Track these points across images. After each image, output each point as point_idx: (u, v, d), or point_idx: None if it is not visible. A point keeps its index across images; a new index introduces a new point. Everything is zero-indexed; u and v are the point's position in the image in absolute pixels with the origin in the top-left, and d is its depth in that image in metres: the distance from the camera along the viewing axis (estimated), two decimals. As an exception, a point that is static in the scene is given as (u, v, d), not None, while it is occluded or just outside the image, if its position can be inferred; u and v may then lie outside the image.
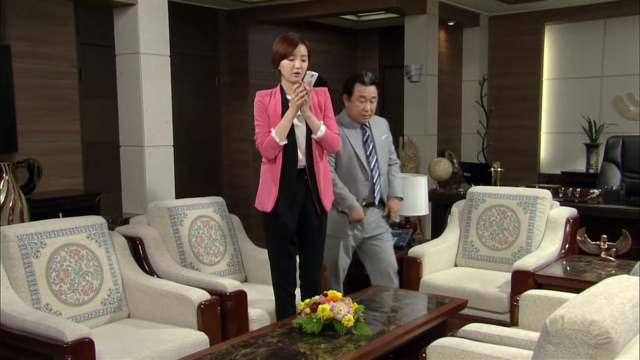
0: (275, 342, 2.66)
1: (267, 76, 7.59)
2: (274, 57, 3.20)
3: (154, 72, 4.27)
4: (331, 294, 2.84)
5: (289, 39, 3.18)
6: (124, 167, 4.41)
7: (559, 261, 3.95)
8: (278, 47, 3.18)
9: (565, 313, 1.63)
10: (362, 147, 3.80)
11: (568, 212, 4.20)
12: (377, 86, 3.79)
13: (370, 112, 3.77)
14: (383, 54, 9.01)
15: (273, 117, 3.17)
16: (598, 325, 1.57)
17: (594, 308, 1.64)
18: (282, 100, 3.22)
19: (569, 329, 1.59)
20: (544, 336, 1.65)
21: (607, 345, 1.56)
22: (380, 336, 2.73)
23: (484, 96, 8.05)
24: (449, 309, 3.17)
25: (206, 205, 3.98)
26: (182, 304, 3.14)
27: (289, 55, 3.16)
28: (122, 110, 4.38)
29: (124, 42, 4.29)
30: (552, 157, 7.91)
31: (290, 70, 3.17)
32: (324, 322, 2.73)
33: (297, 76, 3.17)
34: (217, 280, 3.34)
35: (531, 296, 3.02)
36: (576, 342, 1.58)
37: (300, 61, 3.17)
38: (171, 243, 3.70)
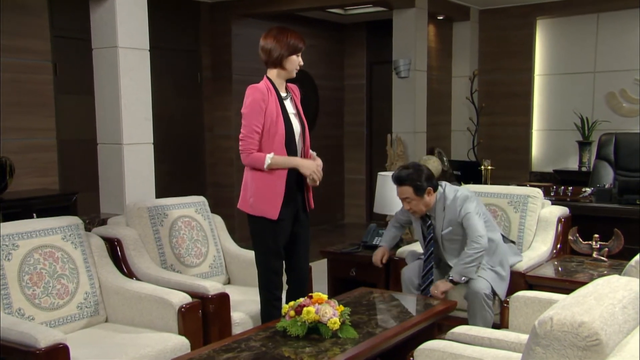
0: (258, 346, 2.66)
1: (251, 72, 7.58)
2: (284, 50, 3.18)
3: (132, 67, 4.25)
4: (316, 296, 2.84)
5: (298, 34, 3.24)
6: (101, 165, 4.38)
7: (551, 261, 3.99)
8: (291, 41, 3.19)
9: (555, 314, 1.65)
10: (421, 235, 3.78)
11: (560, 211, 4.24)
12: (410, 186, 3.57)
13: (413, 210, 3.65)
14: (370, 49, 9.03)
15: (269, 119, 3.15)
16: (587, 327, 1.58)
17: (583, 309, 1.66)
18: (278, 98, 3.23)
19: (558, 331, 1.61)
20: (532, 338, 1.67)
21: (596, 347, 1.57)
22: (367, 339, 2.74)
23: (474, 92, 8.09)
24: (438, 311, 3.18)
25: (188, 205, 3.97)
26: (162, 308, 3.13)
27: (299, 50, 3.22)
28: (99, 107, 4.35)
29: (100, 35, 4.27)
30: (544, 155, 7.97)
31: (296, 65, 3.24)
32: (309, 325, 2.73)
33: (296, 71, 3.26)
34: (199, 283, 3.34)
35: (521, 297, 3.04)
36: (565, 344, 1.59)
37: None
38: (151, 244, 3.68)
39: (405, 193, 3.61)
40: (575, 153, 7.51)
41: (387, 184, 4.64)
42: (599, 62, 7.51)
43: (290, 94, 3.34)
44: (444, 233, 3.66)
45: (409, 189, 3.59)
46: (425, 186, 3.58)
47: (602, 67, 7.48)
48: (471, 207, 3.58)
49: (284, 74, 3.26)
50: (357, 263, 4.26)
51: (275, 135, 3.17)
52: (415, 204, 3.62)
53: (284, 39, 3.19)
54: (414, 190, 3.58)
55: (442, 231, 3.66)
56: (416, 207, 3.63)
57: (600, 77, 7.51)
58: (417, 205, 3.62)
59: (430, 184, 3.61)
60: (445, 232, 3.65)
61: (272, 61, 3.23)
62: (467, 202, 3.58)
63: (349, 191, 9.37)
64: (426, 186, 3.59)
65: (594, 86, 7.54)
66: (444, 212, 3.64)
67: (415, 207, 3.63)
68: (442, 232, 3.66)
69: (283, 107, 3.23)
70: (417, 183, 3.57)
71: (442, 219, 3.65)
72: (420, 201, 3.60)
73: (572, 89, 7.68)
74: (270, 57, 3.22)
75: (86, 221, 3.79)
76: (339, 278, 4.36)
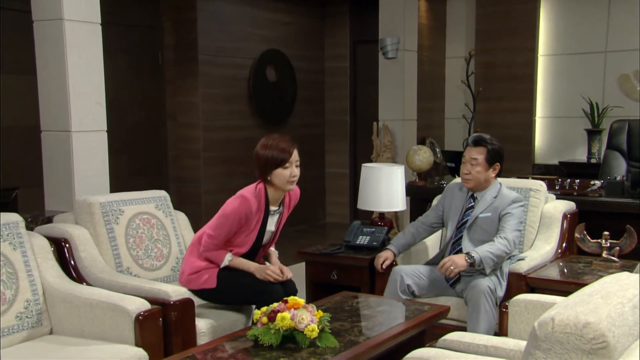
0: (226, 357, 2.66)
1: (219, 51, 7.57)
2: (265, 164, 3.38)
3: (81, 43, 4.20)
4: (292, 300, 2.84)
5: (282, 145, 3.39)
6: (46, 156, 4.33)
7: (555, 262, 4.02)
8: (271, 154, 3.38)
9: (556, 314, 1.66)
10: (457, 217, 3.95)
11: (565, 206, 4.28)
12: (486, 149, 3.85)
13: (469, 177, 3.88)
14: (354, 26, 9.04)
15: (247, 230, 3.43)
16: (593, 328, 1.60)
17: (588, 308, 1.67)
18: (265, 211, 3.45)
19: (560, 333, 1.62)
20: (532, 341, 1.68)
21: (603, 350, 1.59)
22: (348, 349, 2.74)
23: (471, 75, 8.13)
24: (428, 317, 3.20)
25: (146, 200, 3.96)
26: (117, 316, 3.11)
27: (284, 162, 3.37)
28: (43, 89, 4.30)
29: (42, 6, 4.20)
30: (549, 145, 8.03)
31: (287, 179, 3.41)
32: (284, 333, 2.73)
33: (293, 184, 3.44)
34: (159, 287, 3.32)
35: (522, 301, 3.06)
36: (568, 347, 1.61)
37: (295, 167, 3.42)
38: (104, 245, 3.66)
39: (476, 154, 3.84)
40: (583, 143, 7.57)
41: (372, 177, 4.66)
42: (611, 41, 7.56)
43: (280, 209, 3.56)
44: (482, 216, 3.85)
45: (483, 152, 3.84)
46: (497, 159, 3.86)
47: (615, 46, 7.53)
48: (519, 212, 3.83)
49: (276, 188, 3.45)
50: (338, 265, 4.27)
51: (242, 244, 3.46)
52: (478, 170, 3.83)
53: (266, 151, 3.39)
54: (486, 156, 3.83)
55: (481, 214, 3.85)
56: (475, 175, 3.84)
57: (612, 57, 7.56)
58: (479, 172, 3.84)
59: (501, 164, 3.90)
60: (483, 215, 3.85)
61: (261, 175, 3.44)
62: (518, 205, 3.85)
63: (331, 187, 9.39)
64: (498, 160, 3.87)
65: (605, 68, 7.60)
66: (493, 199, 3.87)
67: (475, 174, 3.84)
68: (480, 215, 3.85)
69: (264, 224, 3.47)
70: (493, 148, 3.84)
71: (487, 204, 3.86)
72: (484, 172, 3.84)
73: (581, 71, 7.74)
74: (259, 171, 3.43)
75: (28, 219, 3.75)
76: (318, 283, 4.36)
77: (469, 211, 3.92)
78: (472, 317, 3.58)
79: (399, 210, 5.00)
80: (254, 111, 8.10)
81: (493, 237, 3.76)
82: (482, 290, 3.58)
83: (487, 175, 3.86)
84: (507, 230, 3.74)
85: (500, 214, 3.81)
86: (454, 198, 4.03)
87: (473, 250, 3.66)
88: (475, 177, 3.85)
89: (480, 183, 3.88)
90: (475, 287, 3.61)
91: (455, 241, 3.92)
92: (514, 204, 3.82)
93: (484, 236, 3.82)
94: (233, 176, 7.68)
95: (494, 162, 3.86)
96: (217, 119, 7.61)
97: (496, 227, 3.81)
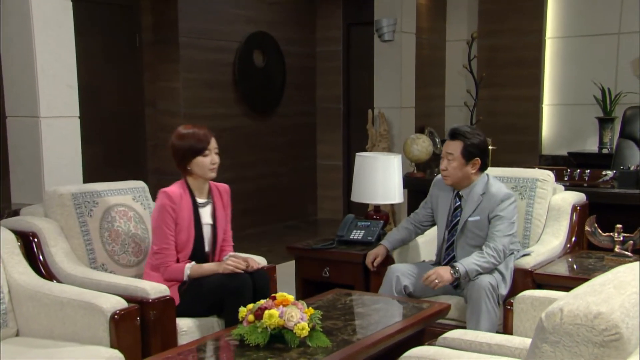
0: (209, 358, 2.65)
1: (202, 33, 7.54)
2: (184, 154, 3.55)
3: (50, 20, 4.16)
4: (280, 297, 2.83)
5: (199, 133, 3.58)
6: (12, 144, 4.30)
7: (564, 258, 4.02)
8: (189, 143, 3.55)
9: (565, 305, 1.65)
10: (445, 218, 3.94)
11: (575, 197, 4.28)
12: (462, 142, 3.79)
13: (446, 173, 3.84)
14: (348, 7, 9.03)
15: (182, 226, 3.52)
16: (605, 319, 1.59)
17: (600, 298, 1.66)
18: (193, 204, 3.58)
19: (569, 324, 1.62)
20: (539, 334, 1.67)
21: (616, 342, 1.58)
22: (341, 348, 2.73)
23: (473, 59, 8.12)
24: (427, 316, 3.20)
25: (123, 191, 3.95)
26: (90, 315, 3.09)
27: (204, 150, 3.55)
28: (7, 69, 4.26)
29: (7, -21, 4.18)
30: (557, 135, 8.04)
31: (208, 166, 3.58)
32: (272, 331, 2.72)
33: (214, 172, 3.60)
34: (137, 285, 3.31)
35: (528, 298, 3.07)
36: (578, 340, 1.60)
37: (215, 154, 3.59)
38: (77, 239, 3.65)
39: (452, 148, 3.80)
40: (594, 132, 7.57)
41: (367, 167, 4.66)
42: (624, 22, 7.55)
43: (209, 201, 3.68)
44: (471, 220, 3.82)
45: (458, 146, 3.78)
46: (475, 154, 3.78)
47: (629, 28, 7.51)
48: (509, 212, 3.77)
49: (198, 177, 3.60)
50: (331, 262, 4.26)
51: (185, 244, 3.54)
52: (454, 165, 3.78)
53: (181, 141, 3.57)
54: (462, 150, 3.76)
55: (470, 217, 3.82)
56: (452, 171, 3.80)
57: (626, 39, 7.55)
58: (455, 169, 3.79)
59: (482, 158, 3.80)
60: (472, 219, 3.81)
61: (180, 166, 3.60)
62: (508, 203, 3.78)
63: (323, 180, 9.38)
64: (477, 155, 3.78)
65: (619, 51, 7.60)
66: (481, 198, 3.81)
67: (452, 170, 3.79)
68: (469, 218, 3.82)
69: (197, 216, 3.58)
70: (470, 142, 3.76)
71: (475, 205, 3.82)
72: (461, 167, 3.78)
73: (592, 55, 7.74)
74: (177, 162, 3.60)
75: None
76: (309, 280, 4.36)
77: (456, 212, 3.89)
78: (473, 316, 3.58)
79: (396, 203, 4.99)
80: (239, 98, 8.08)
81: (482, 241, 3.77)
82: (483, 288, 3.57)
83: (465, 171, 3.79)
84: (497, 238, 3.70)
85: (490, 217, 3.77)
86: (440, 196, 3.99)
87: (459, 263, 3.65)
88: (452, 172, 3.80)
89: (460, 180, 3.83)
90: (476, 285, 3.60)
91: (449, 246, 3.92)
92: (503, 204, 3.75)
93: (477, 240, 3.81)
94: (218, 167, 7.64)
95: (471, 157, 3.77)
96: (199, 107, 7.58)
97: (487, 229, 3.78)
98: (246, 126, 8.22)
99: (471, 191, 3.84)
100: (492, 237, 3.72)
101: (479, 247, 3.76)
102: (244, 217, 8.06)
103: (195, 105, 7.53)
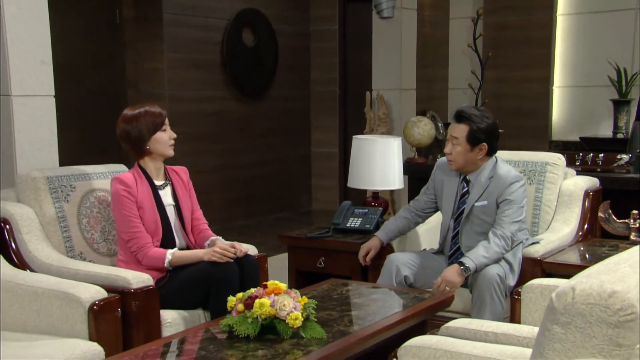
0: (195, 351, 2.64)
1: (187, 10, 7.52)
2: (140, 134, 3.56)
3: (21, -10, 4.14)
4: (272, 285, 2.83)
5: (152, 111, 3.60)
6: (-18, 125, 4.28)
7: (575, 246, 4.03)
8: (144, 121, 3.56)
9: (577, 284, 1.65)
10: (451, 205, 3.93)
11: (587, 182, 4.29)
12: (468, 126, 3.76)
13: (451, 158, 3.84)
14: (345, -19, 9.01)
15: (144, 210, 3.53)
16: (620, 298, 1.59)
17: (615, 277, 1.66)
18: (151, 186, 3.61)
19: (581, 304, 1.61)
20: (549, 315, 1.67)
21: (631, 322, 1.58)
22: (337, 340, 2.73)
23: (478, 38, 8.11)
24: (430, 306, 3.21)
25: (102, 175, 3.94)
26: (67, 306, 3.09)
27: (162, 124, 3.60)
28: (-25, 44, 4.24)
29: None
30: (568, 119, 8.05)
31: (167, 142, 3.63)
32: (263, 322, 2.72)
33: (172, 148, 3.66)
34: (118, 274, 3.31)
35: (537, 287, 3.07)
36: (591, 320, 1.60)
37: (170, 129, 3.64)
38: (52, 226, 3.64)
39: (457, 132, 3.78)
40: (609, 115, 7.58)
41: (365, 150, 4.66)
42: (642, -4, 7.55)
43: (168, 182, 3.72)
44: (478, 205, 3.82)
45: (464, 130, 3.76)
46: (482, 138, 3.75)
47: (647, 2, 7.52)
48: (518, 195, 3.76)
49: (156, 157, 3.63)
50: (326, 251, 4.28)
51: (154, 228, 3.54)
52: (459, 150, 3.78)
53: (137, 123, 3.57)
54: (468, 135, 3.74)
55: (476, 202, 3.82)
56: (457, 156, 3.79)
57: (644, 15, 7.56)
58: (460, 154, 3.78)
59: (489, 143, 3.78)
60: (479, 204, 3.82)
61: (136, 149, 3.60)
62: (518, 186, 3.77)
63: (317, 169, 9.37)
64: (483, 140, 3.75)
65: (636, 27, 7.60)
66: (489, 181, 3.82)
67: (456, 155, 3.79)
68: (476, 204, 3.82)
69: (158, 199, 3.60)
70: (477, 126, 3.74)
71: (483, 189, 3.82)
72: (466, 153, 3.78)
73: (607, 32, 7.72)
74: (132, 145, 3.60)
75: (-39, 197, 3.72)
76: (303, 271, 4.38)
77: (464, 198, 3.89)
78: (476, 307, 3.58)
79: (396, 190, 4.99)
80: (228, 80, 8.06)
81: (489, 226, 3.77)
82: (490, 279, 3.57)
83: (472, 157, 3.78)
84: (505, 224, 3.70)
85: (498, 201, 3.77)
86: (445, 181, 3.97)
87: (468, 259, 3.63)
88: (457, 158, 3.80)
89: (465, 165, 3.83)
90: (482, 276, 3.60)
91: (454, 235, 3.92)
92: (512, 186, 3.75)
93: (483, 227, 3.81)
94: (204, 155, 7.66)
95: (478, 142, 3.75)
96: (185, 89, 7.57)
97: (494, 214, 3.78)
98: (235, 110, 8.20)
99: (479, 175, 3.84)
100: (500, 223, 3.71)
101: (485, 234, 3.76)
102: (232, 208, 8.06)
103: (181, 88, 7.52)
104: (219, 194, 7.88)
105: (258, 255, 3.78)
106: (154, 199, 3.57)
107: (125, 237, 3.51)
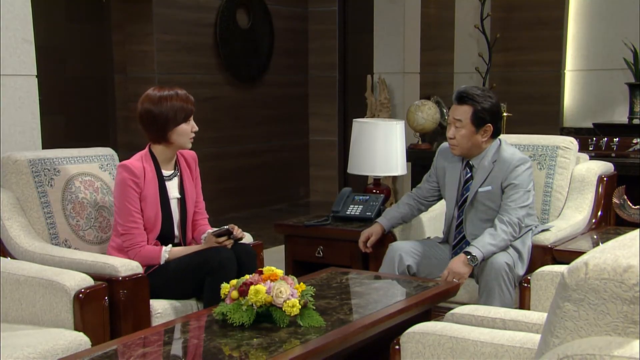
0: (186, 340, 2.65)
1: (178, -12, 7.52)
2: (165, 122, 3.48)
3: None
4: (267, 271, 2.83)
5: (181, 96, 3.55)
6: (-39, 106, 4.28)
7: (588, 234, 4.04)
8: (172, 107, 3.49)
9: (590, 259, 1.65)
10: (455, 191, 3.92)
11: (601, 167, 4.29)
12: (471, 108, 3.76)
13: (454, 142, 3.83)
14: (344, -40, 9.01)
15: (148, 202, 3.50)
16: (636, 272, 1.58)
17: (630, 252, 1.66)
18: (158, 177, 3.56)
19: (595, 279, 1.61)
20: (560, 292, 1.67)
21: (647, 299, 1.58)
22: (336, 328, 2.74)
23: (486, 19, 8.09)
24: (434, 295, 3.21)
25: (88, 158, 3.95)
26: (51, 294, 3.10)
27: (190, 115, 3.55)
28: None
29: None
30: (581, 104, 8.05)
31: (189, 135, 3.58)
32: (258, 309, 2.72)
33: (192, 141, 3.60)
34: (105, 261, 3.32)
35: (547, 274, 3.09)
36: (605, 297, 1.60)
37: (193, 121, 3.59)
38: (35, 212, 3.65)
39: (460, 114, 3.78)
40: (624, 100, 7.56)
41: (366, 135, 4.66)
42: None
43: (177, 172, 3.69)
44: (482, 190, 3.82)
45: (467, 111, 3.76)
46: (487, 119, 3.76)
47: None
48: (524, 179, 3.76)
49: (173, 147, 3.59)
50: (325, 240, 4.29)
51: (153, 221, 3.52)
52: (463, 134, 3.77)
53: (168, 103, 3.49)
54: (472, 116, 3.74)
55: (480, 188, 3.81)
56: (461, 140, 3.79)
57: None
58: (464, 137, 3.78)
59: (494, 124, 3.80)
60: (483, 189, 3.81)
61: (155, 134, 3.55)
62: (523, 169, 3.77)
63: (316, 159, 9.38)
64: (488, 120, 3.76)
65: (655, 6, 7.57)
66: (492, 165, 3.82)
67: (460, 138, 3.78)
68: (480, 189, 3.82)
69: (163, 191, 3.57)
70: (481, 106, 3.74)
71: (487, 173, 3.82)
72: (471, 136, 3.77)
73: (623, 11, 7.68)
74: (152, 129, 3.54)
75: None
76: (301, 261, 4.39)
77: (467, 184, 3.89)
78: (483, 297, 3.58)
79: (398, 176, 4.99)
80: (221, 64, 8.07)
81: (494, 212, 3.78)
82: (498, 268, 3.57)
83: (476, 139, 3.79)
84: (511, 210, 3.70)
85: (503, 185, 3.77)
86: (447, 167, 3.98)
87: (474, 248, 3.63)
88: (461, 142, 3.79)
89: (469, 149, 3.83)
90: (490, 265, 3.60)
91: (459, 224, 3.93)
92: (517, 169, 3.75)
93: (488, 214, 3.82)
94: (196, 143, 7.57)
95: (482, 124, 3.76)
96: (176, 73, 7.56)
97: (500, 200, 3.78)
98: (229, 96, 8.21)
99: (482, 159, 3.84)
100: (506, 209, 3.71)
101: (490, 221, 3.76)
102: (226, 199, 8.07)
103: (172, 72, 7.52)
104: (212, 184, 7.86)
105: (254, 244, 3.78)
106: (159, 192, 3.54)
107: (120, 230, 3.49)
